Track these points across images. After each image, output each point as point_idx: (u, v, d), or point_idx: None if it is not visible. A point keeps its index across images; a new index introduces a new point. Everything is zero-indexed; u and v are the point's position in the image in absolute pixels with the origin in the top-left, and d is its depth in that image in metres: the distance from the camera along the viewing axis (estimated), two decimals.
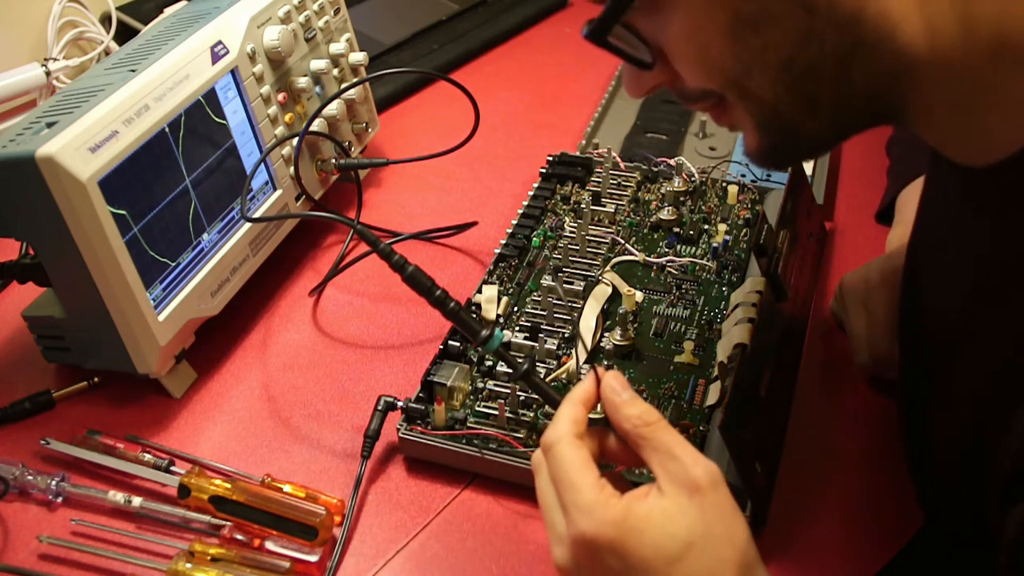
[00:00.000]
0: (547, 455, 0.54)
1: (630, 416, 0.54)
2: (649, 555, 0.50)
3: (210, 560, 0.65)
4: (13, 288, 0.91)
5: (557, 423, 0.54)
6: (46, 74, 1.13)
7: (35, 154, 0.66)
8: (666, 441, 0.52)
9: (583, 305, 0.81)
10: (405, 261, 0.65)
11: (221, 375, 0.83)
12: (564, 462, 0.52)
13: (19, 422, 0.78)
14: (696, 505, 0.50)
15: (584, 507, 0.51)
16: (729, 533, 0.50)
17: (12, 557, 0.67)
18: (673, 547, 0.50)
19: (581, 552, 0.51)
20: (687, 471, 0.51)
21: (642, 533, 0.50)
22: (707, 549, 0.50)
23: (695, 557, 0.49)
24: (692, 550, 0.49)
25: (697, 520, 0.50)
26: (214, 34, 0.82)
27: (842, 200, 0.98)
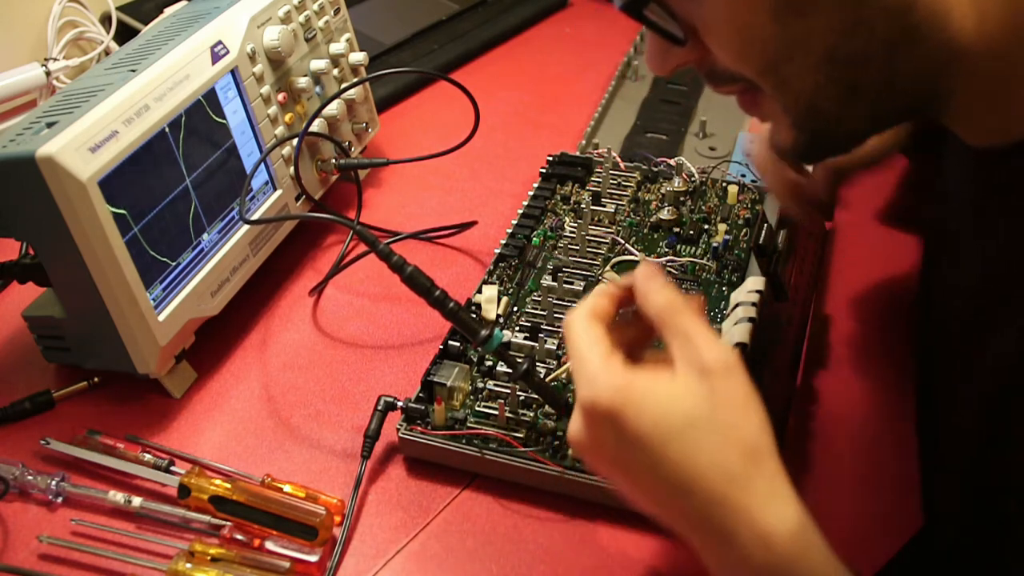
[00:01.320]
0: (565, 337, 0.55)
1: (657, 302, 0.53)
2: (645, 429, 0.49)
3: (210, 560, 0.65)
4: (13, 288, 0.91)
5: (576, 307, 0.56)
6: (46, 74, 1.13)
7: (35, 154, 0.66)
8: (686, 326, 0.51)
9: None
10: (404, 261, 0.65)
11: (221, 375, 0.83)
12: (574, 338, 0.53)
13: (19, 422, 0.78)
14: (706, 388, 0.49)
15: (589, 375, 0.51)
16: (737, 420, 0.49)
17: (12, 557, 0.67)
18: (671, 424, 0.49)
19: (585, 422, 0.51)
20: (700, 354, 0.50)
21: (641, 405, 0.49)
22: (709, 432, 0.48)
23: (694, 438, 0.48)
24: (692, 430, 0.48)
25: (703, 402, 0.49)
26: (214, 34, 0.82)
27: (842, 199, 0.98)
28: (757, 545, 0.48)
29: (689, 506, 0.49)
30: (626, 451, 0.50)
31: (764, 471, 0.49)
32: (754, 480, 0.48)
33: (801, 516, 0.49)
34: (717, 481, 0.48)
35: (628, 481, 0.52)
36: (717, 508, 0.48)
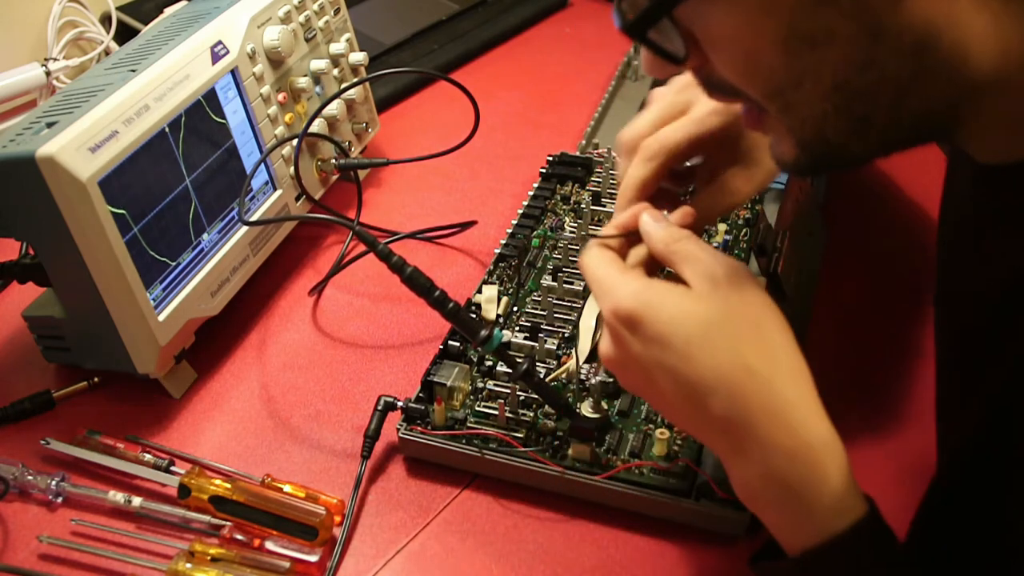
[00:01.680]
0: (582, 271, 0.57)
1: (662, 237, 0.56)
2: (666, 329, 0.51)
3: (210, 560, 0.65)
4: (13, 288, 0.91)
5: (586, 246, 0.59)
6: (46, 74, 1.13)
7: (35, 154, 0.66)
8: (692, 249, 0.54)
9: (583, 305, 0.81)
10: (404, 262, 0.65)
11: (221, 375, 0.83)
12: (590, 264, 0.57)
13: (19, 422, 0.78)
14: (720, 296, 0.51)
15: (608, 287, 0.54)
16: (753, 318, 0.51)
17: (12, 557, 0.67)
18: (692, 324, 0.51)
19: (611, 333, 0.54)
20: (708, 267, 0.52)
21: (661, 306, 0.51)
22: (727, 332, 0.51)
23: (713, 337, 0.51)
24: (712, 328, 0.51)
25: (718, 306, 0.51)
26: (214, 34, 0.82)
27: (842, 199, 0.98)
28: (780, 440, 0.50)
29: (713, 406, 0.50)
30: (651, 354, 0.52)
31: (785, 369, 0.51)
32: (776, 379, 0.50)
33: (827, 428, 0.51)
34: (738, 376, 0.50)
35: (656, 389, 0.53)
36: (740, 403, 0.50)
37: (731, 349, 0.50)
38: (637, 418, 0.72)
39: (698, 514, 0.65)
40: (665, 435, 0.68)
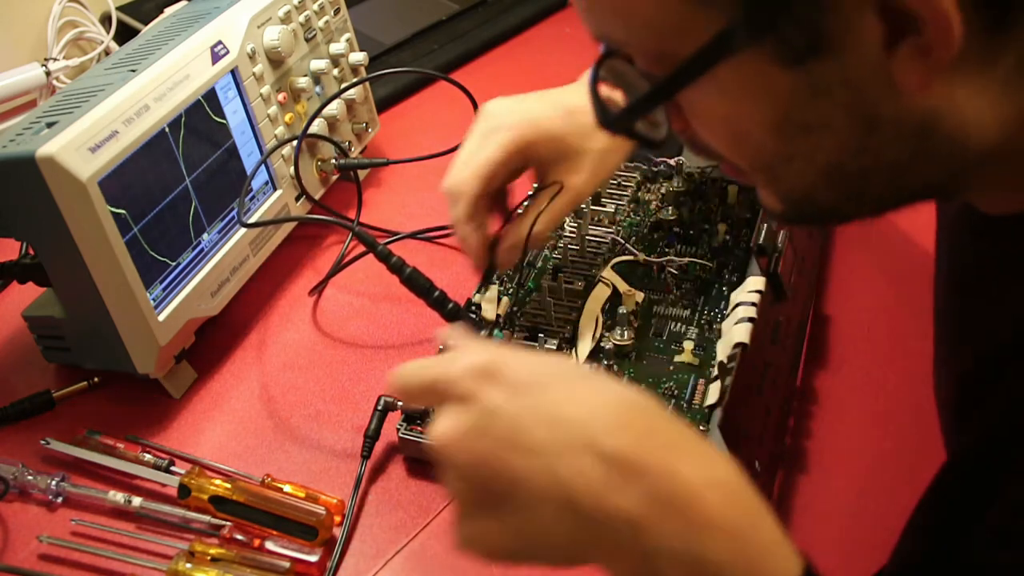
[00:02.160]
0: (400, 384, 0.48)
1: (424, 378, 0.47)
2: (534, 374, 0.44)
3: (210, 560, 0.65)
4: (13, 288, 0.91)
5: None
6: (46, 74, 1.13)
7: (35, 154, 0.66)
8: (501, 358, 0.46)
9: (583, 305, 0.81)
10: (403, 262, 0.65)
11: (221, 375, 0.83)
12: (421, 364, 0.47)
13: (19, 422, 0.78)
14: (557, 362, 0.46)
15: (451, 357, 0.45)
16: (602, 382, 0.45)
17: (12, 557, 0.67)
18: (559, 368, 0.45)
19: (462, 399, 0.44)
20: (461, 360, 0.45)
21: (518, 357, 0.45)
22: (592, 375, 0.45)
23: (585, 378, 0.45)
24: (579, 373, 0.45)
25: (566, 363, 0.47)
26: (214, 34, 0.82)
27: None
28: (698, 472, 0.42)
29: (606, 443, 0.42)
30: (520, 402, 0.43)
31: (663, 420, 0.44)
32: (663, 413, 0.44)
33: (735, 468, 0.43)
34: (628, 410, 0.43)
35: (523, 446, 0.42)
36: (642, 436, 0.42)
37: (607, 387, 0.44)
38: None
39: None
40: None
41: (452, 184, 0.71)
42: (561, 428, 0.42)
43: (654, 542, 0.41)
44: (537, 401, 0.43)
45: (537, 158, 0.71)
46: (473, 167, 0.71)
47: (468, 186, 0.71)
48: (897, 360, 0.80)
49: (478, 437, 0.43)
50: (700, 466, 0.42)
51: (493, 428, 0.43)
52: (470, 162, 0.71)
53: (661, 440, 0.43)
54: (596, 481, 0.41)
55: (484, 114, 0.74)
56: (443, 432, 0.44)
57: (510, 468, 0.42)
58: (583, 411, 0.43)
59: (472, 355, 0.45)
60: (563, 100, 0.73)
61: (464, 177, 0.71)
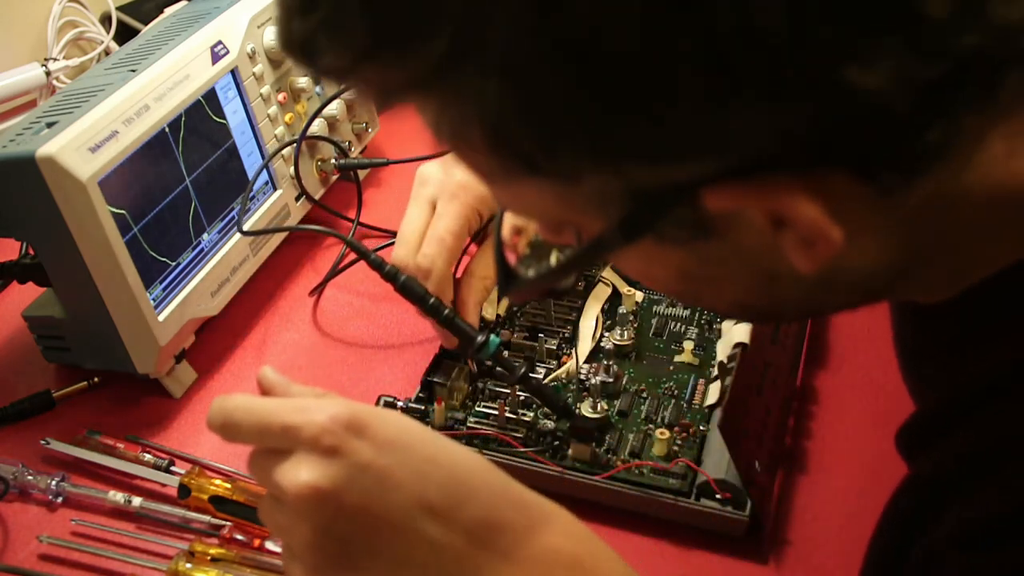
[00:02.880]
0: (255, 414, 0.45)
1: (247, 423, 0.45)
2: (402, 432, 0.44)
3: (210, 560, 0.64)
4: (13, 288, 0.91)
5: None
6: (46, 74, 1.13)
7: (35, 154, 0.66)
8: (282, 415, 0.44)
9: (583, 305, 0.81)
10: (397, 271, 0.65)
11: (221, 375, 0.83)
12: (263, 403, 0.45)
13: (19, 422, 0.78)
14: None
15: (309, 406, 0.43)
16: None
17: (12, 557, 0.67)
18: (422, 429, 0.45)
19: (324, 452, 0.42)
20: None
21: (384, 413, 0.45)
22: (451, 443, 0.45)
23: (443, 442, 0.45)
24: (438, 437, 0.45)
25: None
26: (214, 34, 0.82)
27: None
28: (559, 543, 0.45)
29: (470, 509, 0.43)
30: (389, 458, 0.43)
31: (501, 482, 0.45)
32: (511, 481, 0.46)
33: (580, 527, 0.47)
34: (494, 476, 0.45)
35: (389, 501, 0.42)
36: (502, 499, 0.44)
37: (468, 454, 0.45)
38: (637, 418, 0.72)
39: (698, 514, 0.65)
40: (665, 435, 0.68)
41: (422, 262, 0.71)
42: (426, 490, 0.43)
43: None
44: (403, 458, 0.43)
45: (487, 217, 0.74)
46: (437, 243, 0.71)
47: (439, 263, 0.71)
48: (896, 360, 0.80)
49: (346, 491, 0.42)
50: (546, 521, 0.45)
51: (362, 482, 0.42)
52: (435, 237, 0.71)
53: (511, 501, 0.45)
54: (455, 544, 0.42)
55: (422, 180, 0.74)
56: (306, 483, 0.42)
57: (375, 526, 0.42)
58: (444, 475, 0.43)
59: (335, 407, 0.43)
60: None
61: (431, 254, 0.71)
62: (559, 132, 0.34)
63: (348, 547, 0.43)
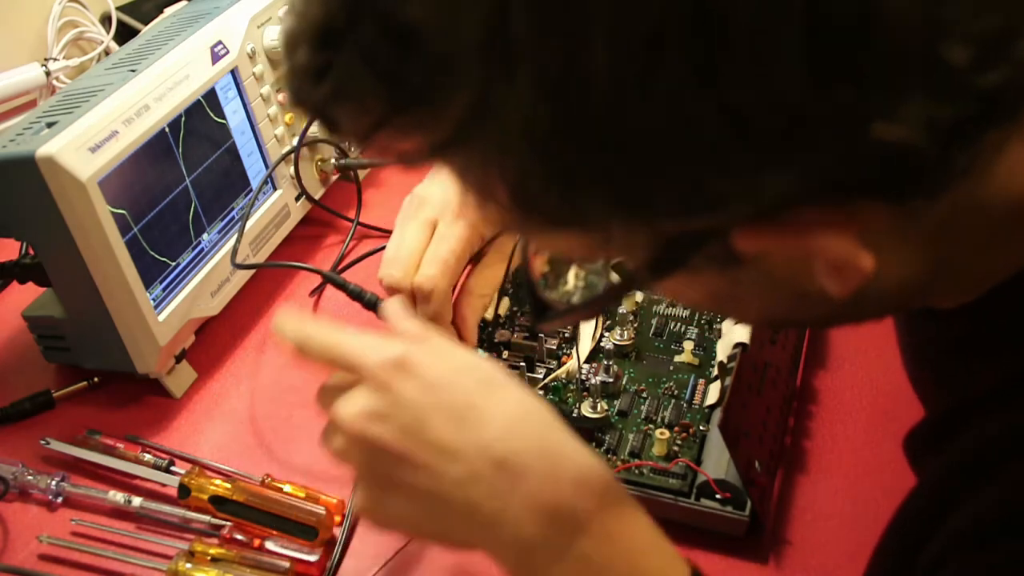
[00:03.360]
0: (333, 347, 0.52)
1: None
2: (447, 373, 0.48)
3: (210, 560, 0.65)
4: (13, 288, 0.91)
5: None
6: (46, 74, 1.13)
7: (35, 154, 0.66)
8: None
9: None
10: (377, 298, 0.65)
11: (221, 375, 0.83)
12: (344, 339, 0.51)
13: (19, 422, 0.78)
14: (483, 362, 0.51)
15: (371, 344, 0.50)
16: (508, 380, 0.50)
17: (12, 557, 0.67)
18: (475, 371, 0.49)
19: (372, 386, 0.48)
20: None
21: (438, 351, 0.50)
22: (505, 380, 0.49)
23: (498, 384, 0.49)
24: (495, 376, 0.49)
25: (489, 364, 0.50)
26: (214, 34, 0.82)
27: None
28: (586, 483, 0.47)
29: (485, 456, 0.47)
30: (429, 398, 0.47)
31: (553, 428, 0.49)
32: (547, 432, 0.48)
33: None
34: (534, 422, 0.48)
35: (424, 438, 0.47)
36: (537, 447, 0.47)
37: (509, 393, 0.49)
38: (637, 418, 0.72)
39: (698, 514, 0.65)
40: (665, 435, 0.68)
41: (424, 283, 0.69)
42: (461, 430, 0.47)
43: (532, 541, 0.46)
44: (442, 400, 0.48)
45: (488, 238, 0.72)
46: (441, 264, 0.69)
47: (442, 283, 0.69)
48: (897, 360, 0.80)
49: (386, 425, 0.48)
50: (578, 474, 0.47)
51: (400, 419, 0.48)
52: (439, 258, 0.70)
53: (546, 446, 0.47)
54: (483, 483, 0.46)
55: (421, 202, 0.72)
56: (355, 411, 0.49)
57: (411, 460, 0.47)
58: (483, 415, 0.47)
59: (390, 347, 0.49)
60: None
61: (433, 274, 0.69)
62: (585, 194, 0.33)
63: (390, 472, 0.48)
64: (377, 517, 0.51)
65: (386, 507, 0.50)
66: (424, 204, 0.73)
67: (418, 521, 0.49)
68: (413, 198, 0.74)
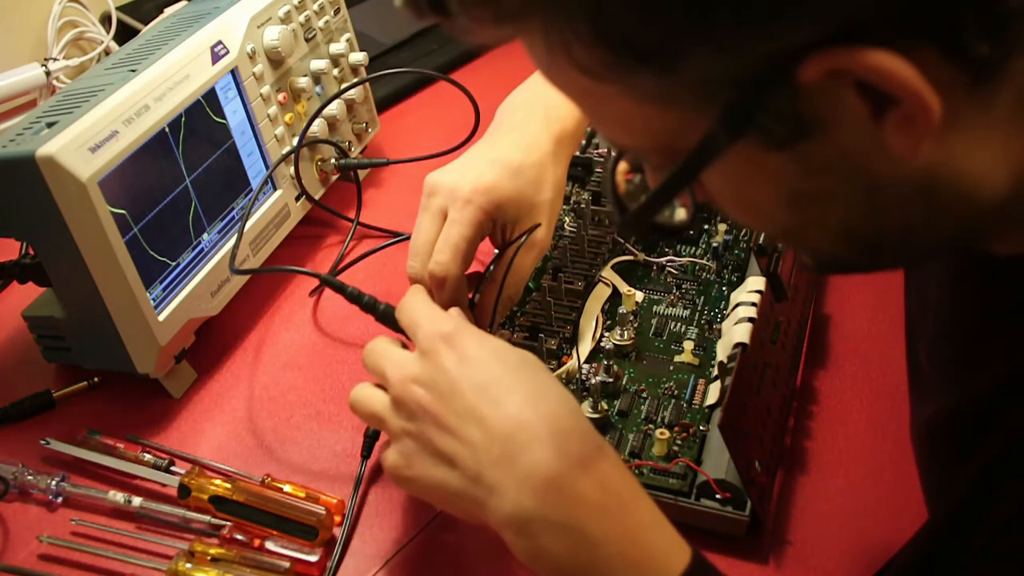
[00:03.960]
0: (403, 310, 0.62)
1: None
2: (483, 352, 0.55)
3: (210, 560, 0.65)
4: (13, 288, 0.91)
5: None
6: (46, 74, 1.13)
7: (35, 154, 0.66)
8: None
9: (583, 305, 0.81)
10: (375, 301, 0.66)
11: (221, 375, 0.83)
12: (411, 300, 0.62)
13: (19, 422, 0.78)
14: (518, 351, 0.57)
15: (431, 314, 0.59)
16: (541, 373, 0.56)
17: (12, 557, 0.67)
18: (507, 355, 0.56)
19: (423, 351, 0.56)
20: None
21: (480, 336, 0.56)
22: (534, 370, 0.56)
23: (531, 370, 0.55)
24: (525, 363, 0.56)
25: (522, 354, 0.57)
26: (214, 34, 0.82)
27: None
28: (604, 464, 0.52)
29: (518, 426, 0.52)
30: (465, 370, 0.54)
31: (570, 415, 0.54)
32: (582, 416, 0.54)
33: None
34: (554, 404, 0.53)
35: (451, 411, 0.53)
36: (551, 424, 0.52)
37: (551, 384, 0.55)
38: (637, 418, 0.72)
39: (698, 514, 0.65)
40: (665, 435, 0.68)
41: (436, 269, 0.70)
42: (484, 400, 0.53)
43: (530, 512, 0.49)
44: (476, 372, 0.54)
45: (501, 223, 0.72)
46: (451, 249, 0.70)
47: (454, 269, 0.70)
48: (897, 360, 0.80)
49: (426, 389, 0.55)
50: (583, 452, 0.51)
51: (439, 384, 0.54)
52: (447, 244, 0.70)
53: (557, 426, 0.52)
54: (493, 449, 0.51)
55: (432, 190, 0.73)
56: (404, 374, 0.56)
57: (441, 422, 0.53)
58: (506, 390, 0.53)
59: (444, 321, 0.57)
60: (501, 159, 0.72)
61: (445, 261, 0.70)
62: (659, 5, 0.35)
63: (421, 431, 0.54)
64: (402, 474, 0.56)
65: (412, 465, 0.55)
66: (435, 193, 0.73)
67: (435, 482, 0.54)
68: (425, 187, 0.74)
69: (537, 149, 0.73)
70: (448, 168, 0.74)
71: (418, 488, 0.56)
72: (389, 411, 0.57)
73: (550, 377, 0.55)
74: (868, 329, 0.83)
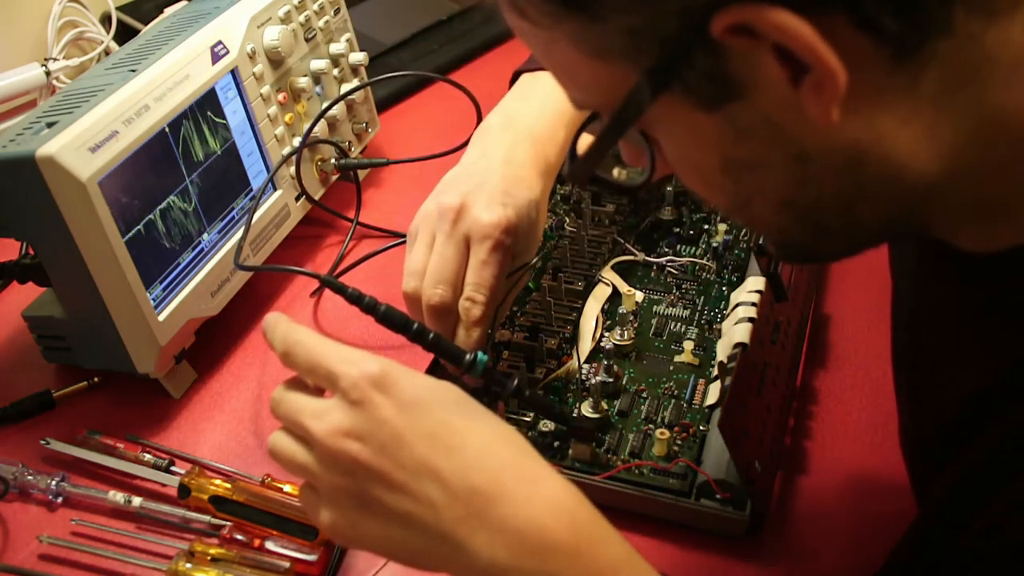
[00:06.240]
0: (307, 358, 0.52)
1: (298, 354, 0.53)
2: (424, 394, 0.48)
3: (210, 560, 0.65)
4: (13, 288, 0.91)
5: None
6: (46, 74, 1.13)
7: (35, 154, 0.66)
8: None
9: (583, 305, 0.81)
10: (376, 302, 0.66)
11: (221, 375, 0.83)
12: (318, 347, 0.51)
13: (19, 422, 0.78)
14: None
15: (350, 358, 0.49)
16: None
17: (12, 557, 0.67)
18: (449, 394, 0.49)
19: (351, 403, 0.47)
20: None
21: (413, 376, 0.49)
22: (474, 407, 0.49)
23: (471, 410, 0.49)
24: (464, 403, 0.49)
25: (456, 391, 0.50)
26: (214, 34, 0.82)
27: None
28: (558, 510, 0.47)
29: (476, 479, 0.46)
30: (406, 418, 0.47)
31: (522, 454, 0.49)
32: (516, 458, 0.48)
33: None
34: (508, 446, 0.48)
35: (401, 458, 0.47)
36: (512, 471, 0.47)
37: (493, 424, 0.49)
38: (637, 418, 0.72)
39: (698, 514, 0.65)
40: (665, 435, 0.68)
41: (472, 309, 0.69)
42: (438, 451, 0.47)
43: (504, 565, 0.45)
44: (420, 420, 0.47)
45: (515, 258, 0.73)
46: (489, 292, 0.69)
47: (490, 311, 0.70)
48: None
49: (363, 443, 0.47)
50: (551, 497, 0.47)
51: (379, 437, 0.47)
52: (484, 286, 0.69)
53: (520, 472, 0.47)
54: (458, 506, 0.46)
55: (455, 217, 0.71)
56: (330, 427, 0.48)
57: (388, 479, 0.47)
58: (459, 438, 0.47)
59: (371, 363, 0.48)
60: (513, 193, 0.72)
61: (482, 301, 0.69)
62: None
63: (364, 491, 0.47)
64: (347, 536, 0.50)
65: (357, 527, 0.48)
66: (459, 220, 0.71)
67: (390, 542, 0.48)
68: (440, 210, 0.72)
69: (537, 184, 0.74)
70: (464, 195, 0.71)
71: (368, 547, 0.50)
72: (317, 467, 0.49)
73: (485, 411, 0.50)
74: (868, 329, 0.83)
